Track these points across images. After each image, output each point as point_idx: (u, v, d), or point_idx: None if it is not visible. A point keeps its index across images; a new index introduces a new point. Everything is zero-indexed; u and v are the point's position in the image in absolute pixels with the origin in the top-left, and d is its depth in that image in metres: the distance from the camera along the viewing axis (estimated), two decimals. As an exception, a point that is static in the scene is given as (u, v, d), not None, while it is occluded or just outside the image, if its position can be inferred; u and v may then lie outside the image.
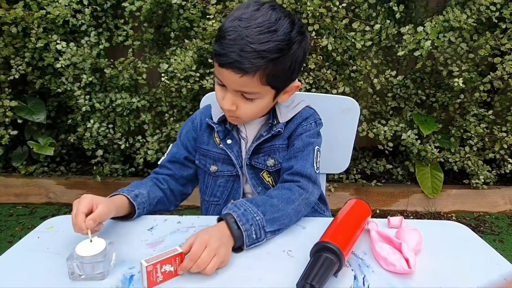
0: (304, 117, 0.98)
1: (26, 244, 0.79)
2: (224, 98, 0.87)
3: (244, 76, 0.79)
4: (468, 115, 2.28)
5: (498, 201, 2.48)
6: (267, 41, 0.77)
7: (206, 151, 1.02)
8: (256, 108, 0.89)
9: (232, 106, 0.86)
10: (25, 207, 2.42)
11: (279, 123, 0.96)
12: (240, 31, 0.77)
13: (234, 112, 0.88)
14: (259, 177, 0.99)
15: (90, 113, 2.26)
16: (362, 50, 2.10)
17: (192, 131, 1.05)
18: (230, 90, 0.85)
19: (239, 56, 0.77)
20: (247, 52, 0.77)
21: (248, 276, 0.69)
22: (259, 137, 0.97)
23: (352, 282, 0.68)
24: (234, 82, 0.82)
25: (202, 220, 0.89)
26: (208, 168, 1.02)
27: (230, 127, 0.98)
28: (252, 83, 0.81)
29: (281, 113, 0.97)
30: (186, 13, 2.05)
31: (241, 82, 0.81)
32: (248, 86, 0.82)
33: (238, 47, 0.77)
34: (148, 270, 0.64)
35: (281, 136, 0.97)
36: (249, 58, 0.77)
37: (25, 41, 2.11)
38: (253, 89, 0.83)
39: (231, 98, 0.86)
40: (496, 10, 1.94)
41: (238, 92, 0.85)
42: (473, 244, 0.82)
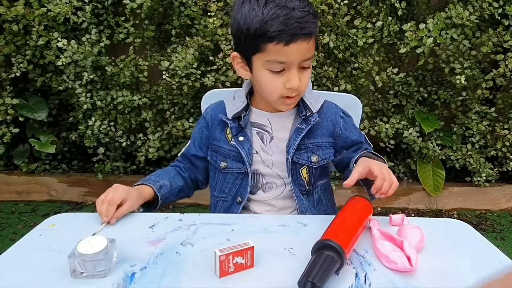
0: (333, 112, 1.04)
1: (28, 242, 0.79)
2: (289, 80, 0.87)
3: (311, 40, 0.85)
4: (470, 113, 2.27)
5: (500, 199, 2.48)
6: (308, 4, 0.85)
7: (217, 147, 1.03)
8: (309, 76, 0.92)
9: (299, 81, 0.88)
10: (27, 205, 2.43)
11: (312, 113, 0.98)
12: (286, 5, 0.81)
13: (298, 89, 0.90)
14: (297, 173, 1.00)
15: (91, 110, 2.26)
16: (364, 47, 2.10)
17: (204, 129, 1.06)
18: (294, 66, 0.87)
19: (301, 23, 0.82)
20: (303, 17, 0.82)
21: (250, 274, 0.69)
22: (298, 131, 0.97)
23: (354, 280, 0.68)
24: (303, 52, 0.85)
25: (203, 217, 0.89)
26: (218, 164, 1.03)
27: (244, 123, 0.99)
28: (312, 46, 0.88)
29: (311, 103, 0.99)
30: (187, 10, 2.05)
31: (308, 48, 0.86)
32: (311, 50, 0.88)
33: (295, 17, 0.81)
34: (221, 259, 0.66)
35: (322, 132, 1.01)
36: (308, 21, 0.83)
37: (26, 39, 2.11)
38: (313, 51, 0.89)
39: (296, 75, 0.87)
40: (499, 6, 1.93)
41: (299, 64, 0.87)
42: (475, 241, 0.82)
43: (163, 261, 0.72)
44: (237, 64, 0.95)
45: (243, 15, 0.85)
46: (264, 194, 1.02)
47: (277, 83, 0.88)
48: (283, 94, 0.90)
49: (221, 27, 2.03)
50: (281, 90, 0.89)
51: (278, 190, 1.02)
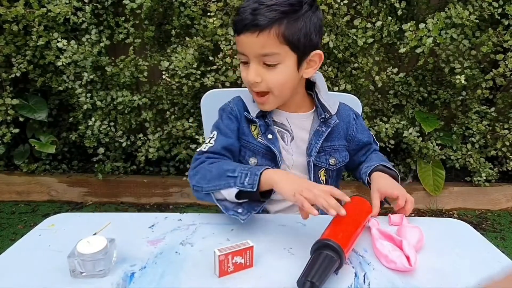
0: (348, 115, 1.05)
1: (28, 242, 0.79)
2: (248, 74, 0.87)
3: (260, 34, 0.82)
4: (470, 112, 2.28)
5: (500, 199, 2.48)
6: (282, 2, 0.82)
7: (246, 142, 1.00)
8: (281, 76, 0.87)
9: (256, 77, 0.86)
10: (27, 205, 2.43)
11: (332, 115, 0.98)
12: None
13: (261, 85, 0.88)
14: (315, 174, 1.00)
15: (91, 111, 2.26)
16: (364, 47, 2.10)
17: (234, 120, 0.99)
18: (251, 58, 0.86)
19: (252, 15, 0.81)
20: (259, 9, 0.81)
21: (249, 274, 0.69)
22: (318, 133, 0.97)
23: (353, 280, 0.68)
24: (253, 45, 0.84)
25: (203, 217, 0.89)
26: (247, 161, 0.99)
27: (269, 120, 0.97)
28: (270, 41, 0.83)
29: (329, 105, 0.98)
30: (187, 10, 2.05)
31: (260, 43, 0.83)
32: (267, 46, 0.83)
33: (251, 8, 0.82)
34: (221, 259, 0.66)
35: (338, 134, 1.01)
36: (261, 13, 0.81)
37: (26, 39, 2.12)
38: (272, 49, 0.84)
39: (254, 68, 0.86)
40: (499, 6, 1.93)
41: (260, 59, 0.86)
42: (474, 241, 0.82)
43: (162, 260, 0.73)
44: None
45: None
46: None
47: (244, 74, 0.90)
48: (250, 87, 0.91)
49: (221, 27, 2.03)
50: (247, 82, 0.90)
51: None
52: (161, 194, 2.48)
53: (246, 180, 0.80)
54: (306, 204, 0.72)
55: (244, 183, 0.80)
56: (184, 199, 2.48)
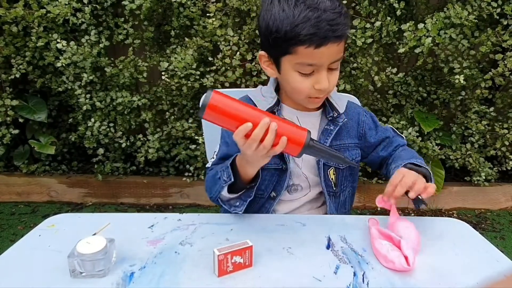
0: (357, 112, 1.05)
1: (28, 242, 0.79)
2: (319, 82, 0.86)
3: (341, 42, 0.84)
4: (470, 112, 2.28)
5: (499, 198, 2.48)
6: (339, 4, 0.83)
7: None
8: (337, 76, 0.90)
9: (328, 83, 0.87)
10: (27, 206, 2.43)
11: (340, 114, 0.98)
12: (317, 6, 0.79)
13: (326, 90, 0.88)
14: (325, 173, 1.00)
15: (91, 111, 2.26)
16: (363, 47, 2.10)
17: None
18: (324, 68, 0.85)
19: (332, 25, 0.80)
20: (335, 19, 0.80)
21: (248, 273, 0.69)
22: (326, 132, 0.98)
23: (352, 279, 0.68)
24: (333, 54, 0.84)
25: (202, 217, 0.90)
26: None
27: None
28: (342, 47, 0.86)
29: (337, 104, 0.99)
30: (186, 11, 2.05)
31: (338, 50, 0.84)
32: (341, 52, 0.86)
33: (326, 20, 0.79)
34: (220, 259, 0.67)
35: (348, 133, 1.01)
36: (339, 23, 0.81)
37: (26, 40, 2.12)
38: (342, 53, 0.87)
39: (326, 77, 0.86)
40: (498, 6, 1.93)
41: (329, 66, 0.86)
42: (473, 240, 0.82)
43: (162, 260, 0.73)
44: (264, 63, 0.95)
45: (273, 16, 0.83)
46: (289, 195, 1.02)
47: (306, 84, 0.87)
48: (312, 95, 0.90)
49: (220, 27, 2.03)
50: (310, 91, 0.88)
51: (302, 192, 1.02)
52: (161, 194, 2.48)
53: (224, 175, 0.86)
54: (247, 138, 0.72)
55: (225, 179, 0.86)
56: (184, 199, 2.48)
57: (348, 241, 0.80)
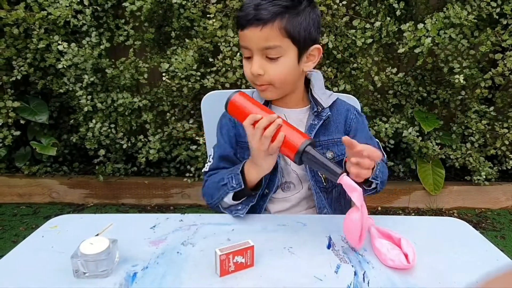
0: (346, 108, 1.05)
1: (31, 243, 0.80)
2: (251, 67, 0.90)
3: (264, 28, 0.86)
4: (470, 112, 2.28)
5: (499, 198, 2.48)
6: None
7: (244, 143, 1.01)
8: (283, 68, 0.91)
9: (259, 69, 0.89)
10: (29, 207, 2.43)
11: (324, 108, 0.99)
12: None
13: (264, 78, 0.91)
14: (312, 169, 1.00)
15: (92, 113, 2.27)
16: (363, 47, 2.11)
17: (231, 128, 1.04)
18: (255, 52, 0.89)
19: (255, 9, 0.86)
20: (262, 4, 0.86)
21: (250, 273, 0.70)
22: (312, 126, 0.98)
23: (352, 278, 0.68)
24: (257, 39, 0.87)
25: (204, 218, 0.90)
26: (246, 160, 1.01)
27: None
28: (273, 35, 0.86)
29: (321, 99, 1.00)
30: (187, 12, 2.06)
31: (263, 36, 0.86)
32: (270, 39, 0.87)
33: (254, 3, 0.87)
34: (222, 259, 0.68)
35: (336, 129, 1.02)
36: (264, 8, 0.85)
37: (27, 42, 2.12)
38: (275, 42, 0.87)
39: (257, 62, 0.90)
40: (497, 6, 1.94)
41: (263, 53, 0.89)
42: (473, 240, 0.83)
43: (164, 261, 0.73)
44: None
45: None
46: (283, 193, 1.03)
47: (247, 69, 0.93)
48: (253, 81, 0.94)
49: (221, 28, 2.04)
50: (249, 76, 0.93)
51: (295, 190, 1.03)
52: (162, 195, 2.49)
53: (233, 182, 0.89)
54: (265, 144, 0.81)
55: (234, 185, 0.89)
56: (185, 200, 2.49)
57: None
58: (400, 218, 0.94)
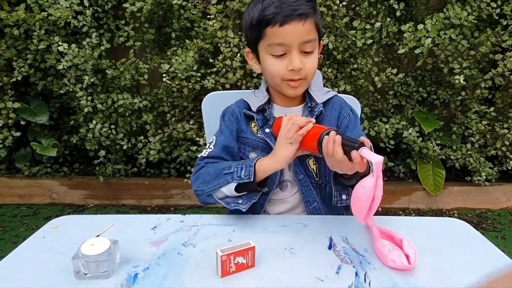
0: (340, 105, 1.05)
1: (32, 244, 0.80)
2: (291, 62, 0.91)
3: (306, 21, 0.88)
4: (470, 112, 2.28)
5: (500, 198, 2.48)
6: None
7: (245, 139, 1.04)
8: (315, 62, 0.95)
9: (300, 64, 0.91)
10: (29, 208, 2.43)
11: (317, 104, 1.00)
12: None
13: (301, 73, 0.92)
14: (303, 163, 1.00)
15: (92, 114, 2.27)
16: (363, 48, 2.11)
17: (234, 122, 1.05)
18: (294, 48, 0.90)
19: (294, 5, 0.87)
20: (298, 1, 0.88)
21: (251, 274, 0.70)
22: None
23: (354, 279, 0.68)
24: (299, 33, 0.89)
25: (204, 218, 0.90)
26: (247, 155, 1.03)
27: (268, 116, 1.02)
28: (311, 28, 0.90)
29: (316, 95, 1.02)
30: (187, 13, 2.06)
31: (305, 30, 0.89)
32: (310, 33, 0.90)
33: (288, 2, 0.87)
34: (223, 260, 0.68)
35: (329, 123, 1.01)
36: (302, 3, 0.88)
37: (27, 43, 2.13)
38: (312, 35, 0.91)
39: (297, 56, 0.91)
40: (497, 6, 1.94)
41: (300, 48, 0.91)
42: (474, 240, 0.83)
43: (165, 261, 0.73)
44: (250, 60, 1.02)
45: (248, 12, 0.94)
46: (281, 192, 1.03)
47: (280, 66, 0.93)
48: (286, 77, 0.93)
49: (221, 29, 2.04)
50: (284, 72, 0.93)
51: (292, 189, 1.03)
52: (162, 196, 2.49)
53: (242, 172, 0.89)
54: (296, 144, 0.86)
55: (241, 175, 0.89)
56: (185, 201, 2.49)
57: (350, 241, 0.80)
58: (401, 218, 0.94)
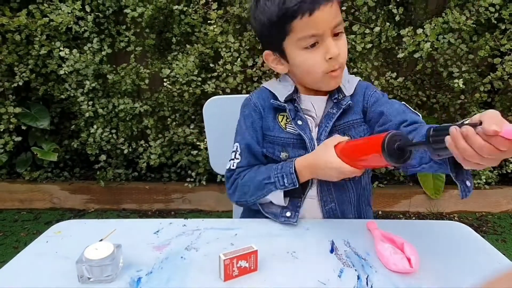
0: (364, 87, 0.96)
1: (35, 249, 0.80)
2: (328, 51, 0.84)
3: (333, 4, 0.82)
4: (469, 116, 2.29)
5: (500, 201, 2.49)
6: None
7: (273, 137, 0.95)
8: (345, 42, 0.88)
9: (337, 49, 0.84)
10: (30, 213, 2.44)
11: (345, 96, 0.92)
12: None
13: (340, 58, 0.86)
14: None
15: (93, 118, 2.28)
16: (363, 52, 2.12)
17: (257, 119, 0.97)
18: (326, 33, 0.83)
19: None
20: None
21: (254, 277, 0.70)
22: (329, 115, 0.92)
23: (356, 282, 0.69)
24: (330, 17, 0.82)
25: (207, 222, 0.91)
26: (278, 156, 0.94)
27: (298, 106, 0.93)
28: (338, 10, 0.85)
29: (343, 86, 0.94)
30: (188, 18, 2.07)
31: (334, 12, 0.83)
32: (338, 14, 0.85)
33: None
34: (226, 263, 0.68)
35: (353, 111, 0.94)
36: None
37: (29, 49, 2.14)
38: (340, 16, 0.86)
39: (332, 42, 0.84)
40: (495, 11, 1.95)
41: (331, 33, 0.84)
42: (475, 243, 0.83)
43: (168, 265, 0.74)
44: (272, 62, 0.94)
45: (260, 10, 0.85)
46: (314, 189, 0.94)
47: (316, 58, 0.85)
48: (326, 69, 0.86)
49: (221, 34, 2.05)
50: (322, 64, 0.85)
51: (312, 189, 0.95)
52: (163, 200, 2.49)
53: (285, 181, 0.87)
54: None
55: (285, 184, 0.87)
56: (186, 205, 2.49)
57: (352, 245, 0.81)
58: (402, 222, 0.94)
